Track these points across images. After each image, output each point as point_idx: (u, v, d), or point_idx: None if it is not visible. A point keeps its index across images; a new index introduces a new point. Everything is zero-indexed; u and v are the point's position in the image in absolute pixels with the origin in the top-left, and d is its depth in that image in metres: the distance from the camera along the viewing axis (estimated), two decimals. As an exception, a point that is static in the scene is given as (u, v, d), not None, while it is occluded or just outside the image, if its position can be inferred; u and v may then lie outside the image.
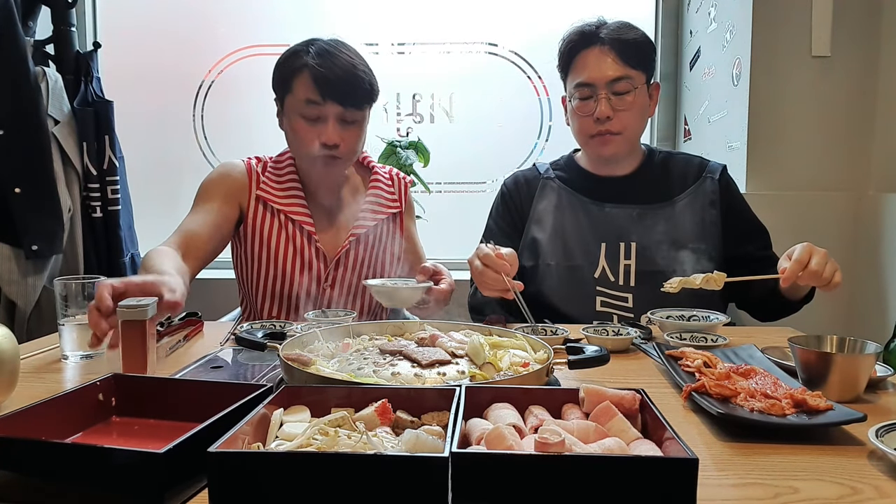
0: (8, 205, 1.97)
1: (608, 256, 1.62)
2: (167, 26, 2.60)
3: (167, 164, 2.63)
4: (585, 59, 1.62)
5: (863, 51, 2.01)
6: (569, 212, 1.68)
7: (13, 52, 1.96)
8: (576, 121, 1.66)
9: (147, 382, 0.92)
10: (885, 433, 0.77)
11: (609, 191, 1.68)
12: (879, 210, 1.95)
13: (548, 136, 2.59)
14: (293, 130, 1.58)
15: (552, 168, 1.78)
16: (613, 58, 1.60)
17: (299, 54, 1.54)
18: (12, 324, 2.04)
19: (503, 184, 1.81)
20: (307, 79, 1.51)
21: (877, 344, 1.00)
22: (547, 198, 1.72)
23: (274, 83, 1.60)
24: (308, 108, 1.52)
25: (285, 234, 1.61)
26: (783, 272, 1.30)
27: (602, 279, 1.61)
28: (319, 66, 1.50)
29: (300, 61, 1.53)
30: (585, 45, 1.63)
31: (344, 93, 1.51)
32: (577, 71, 1.63)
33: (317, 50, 1.53)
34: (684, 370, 1.05)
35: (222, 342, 1.33)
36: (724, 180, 1.69)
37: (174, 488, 0.65)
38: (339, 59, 1.52)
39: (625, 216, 1.65)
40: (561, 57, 1.68)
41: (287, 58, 1.57)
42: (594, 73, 1.60)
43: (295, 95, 1.54)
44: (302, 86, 1.52)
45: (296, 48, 1.57)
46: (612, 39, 1.61)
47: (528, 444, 0.68)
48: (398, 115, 2.60)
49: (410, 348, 1.05)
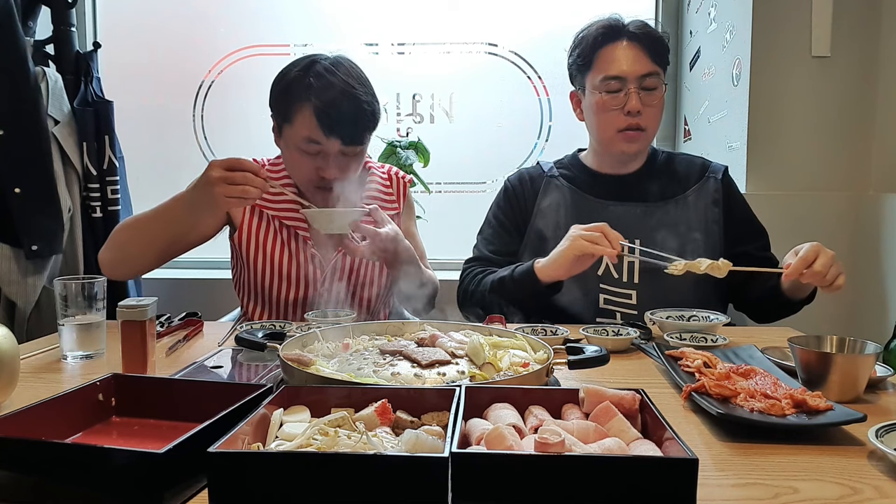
0: (8, 205, 1.97)
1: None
2: (167, 26, 2.60)
3: (167, 164, 2.63)
4: (613, 53, 1.60)
5: (863, 51, 2.00)
6: (573, 209, 1.67)
7: (13, 52, 1.96)
8: (601, 115, 1.64)
9: (147, 382, 0.93)
10: (885, 433, 0.77)
11: (614, 189, 1.68)
12: (879, 210, 1.95)
13: (548, 136, 2.59)
14: (291, 160, 1.56)
15: (556, 167, 1.77)
16: (643, 52, 1.60)
17: (300, 82, 1.48)
18: (12, 324, 2.04)
19: (507, 180, 1.80)
20: (309, 116, 1.46)
21: (877, 344, 1.00)
22: (551, 195, 1.71)
23: (272, 105, 1.55)
24: (309, 144, 1.49)
25: (280, 239, 1.58)
26: (787, 267, 1.31)
27: (606, 277, 1.60)
28: (322, 102, 1.45)
29: (301, 93, 1.47)
30: (612, 39, 1.61)
31: (347, 131, 1.47)
32: (605, 64, 1.61)
33: (319, 82, 1.46)
34: (684, 370, 1.05)
35: (222, 342, 1.33)
36: (726, 180, 1.70)
37: (174, 488, 0.65)
38: (343, 91, 1.46)
39: (629, 214, 1.64)
40: (582, 51, 1.65)
41: (287, 85, 1.50)
42: (625, 66, 1.59)
43: (295, 129, 1.49)
44: (303, 122, 1.47)
45: (295, 73, 1.50)
46: (641, 34, 1.60)
47: (528, 444, 0.68)
48: (398, 115, 2.60)
49: (410, 348, 1.05)
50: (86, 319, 1.18)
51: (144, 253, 1.51)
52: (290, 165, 1.58)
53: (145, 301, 1.07)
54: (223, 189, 1.30)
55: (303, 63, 1.51)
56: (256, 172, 1.33)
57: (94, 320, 1.19)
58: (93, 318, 1.19)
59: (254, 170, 1.33)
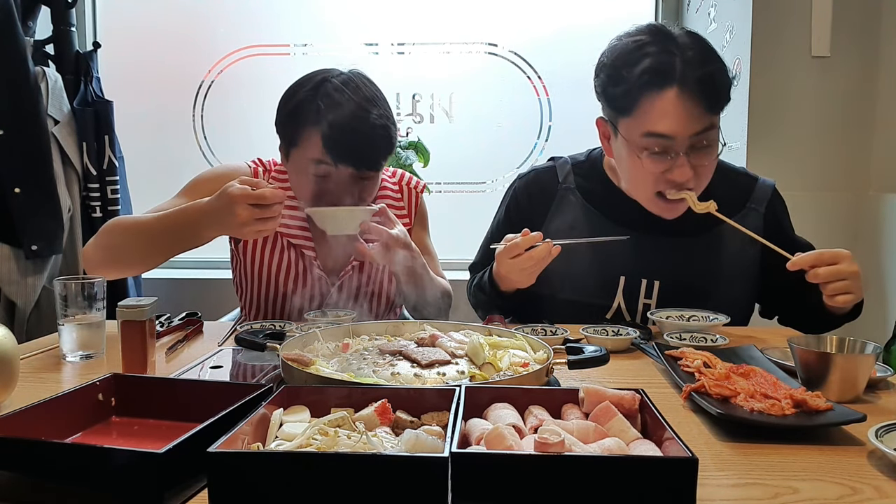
0: (8, 205, 1.97)
1: (626, 294, 1.44)
2: (167, 26, 2.60)
3: (167, 165, 2.63)
4: (663, 106, 1.28)
5: (862, 51, 2.01)
6: (587, 236, 1.40)
7: (13, 52, 1.96)
8: (638, 175, 1.37)
9: (147, 382, 0.93)
10: (884, 433, 0.77)
11: (637, 214, 1.43)
12: (879, 210, 1.95)
13: (547, 137, 2.59)
14: (298, 185, 1.47)
15: (574, 171, 1.53)
16: (699, 105, 1.28)
17: (308, 104, 1.38)
18: (12, 324, 2.04)
19: (516, 186, 1.59)
20: (316, 140, 1.37)
21: (877, 344, 1.00)
22: (563, 214, 1.49)
23: (278, 127, 1.46)
24: (317, 168, 1.40)
25: (286, 258, 1.51)
26: (797, 258, 1.21)
27: (616, 320, 1.44)
28: (331, 127, 1.34)
29: (309, 116, 1.37)
30: (661, 85, 1.28)
31: (359, 157, 1.37)
32: (649, 117, 1.30)
33: (327, 102, 1.36)
34: (684, 370, 1.05)
35: (222, 342, 1.33)
36: (770, 211, 1.47)
37: (174, 488, 0.65)
38: (354, 114, 1.35)
39: (651, 248, 1.42)
40: (621, 91, 1.33)
41: (294, 106, 1.41)
42: (675, 125, 1.28)
43: (303, 152, 1.41)
44: (310, 145, 1.38)
45: (303, 94, 1.40)
46: (699, 81, 1.27)
47: (527, 444, 0.68)
48: (398, 115, 2.60)
49: (410, 348, 1.05)
50: (86, 319, 1.18)
51: (141, 258, 1.43)
52: (298, 189, 1.49)
53: (145, 301, 1.07)
54: (252, 228, 1.23)
55: (312, 82, 1.42)
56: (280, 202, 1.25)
57: (94, 320, 1.19)
58: (93, 318, 1.19)
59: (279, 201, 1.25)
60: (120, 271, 1.49)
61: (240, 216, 1.22)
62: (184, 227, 1.32)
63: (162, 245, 1.38)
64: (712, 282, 1.43)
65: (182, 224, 1.32)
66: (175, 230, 1.34)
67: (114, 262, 1.43)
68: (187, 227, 1.32)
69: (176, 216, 1.33)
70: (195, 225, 1.31)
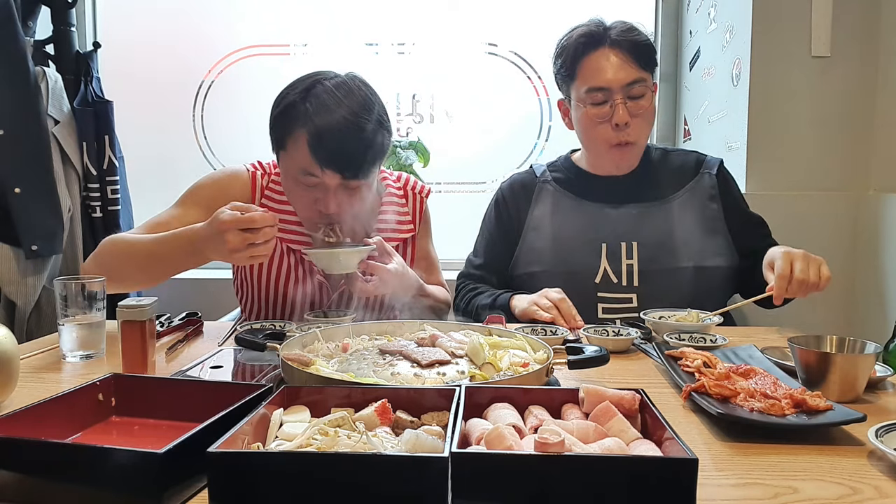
0: (8, 205, 1.97)
1: (609, 257, 1.59)
2: (167, 26, 2.60)
3: (167, 165, 2.62)
4: (597, 62, 1.55)
5: (862, 51, 2.00)
6: (567, 215, 1.65)
7: (13, 52, 1.96)
8: (589, 129, 1.61)
9: (147, 382, 0.93)
10: (884, 433, 0.77)
11: (608, 191, 1.65)
12: (879, 210, 1.95)
13: (548, 137, 2.59)
14: (287, 191, 1.46)
15: (549, 170, 1.74)
16: (627, 60, 1.55)
17: (296, 107, 1.35)
18: (12, 324, 2.04)
19: (499, 189, 1.77)
20: (302, 144, 1.34)
21: (877, 344, 1.00)
22: (543, 203, 1.68)
23: (270, 129, 1.43)
24: (304, 176, 1.38)
25: (287, 264, 1.50)
26: (771, 290, 1.30)
27: (604, 283, 1.58)
28: (317, 130, 1.31)
29: (296, 119, 1.34)
30: (594, 47, 1.56)
31: (345, 163, 1.34)
32: (588, 75, 1.57)
33: (316, 104, 1.33)
34: (684, 370, 1.05)
35: (222, 342, 1.33)
36: (721, 175, 1.69)
37: (174, 488, 0.65)
38: (342, 119, 1.32)
39: (624, 216, 1.62)
40: (564, 61, 1.61)
41: (284, 108, 1.38)
42: (609, 76, 1.54)
43: (289, 157, 1.38)
44: (296, 150, 1.35)
45: (293, 96, 1.37)
46: (623, 41, 1.55)
47: (527, 444, 0.68)
48: (398, 115, 2.60)
49: (410, 348, 1.05)
50: (86, 319, 1.18)
51: (135, 282, 1.44)
52: (289, 195, 1.49)
53: (145, 301, 1.07)
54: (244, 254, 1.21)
55: (304, 84, 1.39)
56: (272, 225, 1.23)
57: (94, 320, 1.19)
58: (93, 318, 1.19)
59: (270, 224, 1.22)
60: (118, 289, 1.46)
61: (230, 243, 1.19)
62: (176, 253, 1.31)
63: (155, 271, 1.38)
64: (684, 236, 1.60)
65: (175, 250, 1.31)
66: (168, 257, 1.33)
67: (111, 282, 1.39)
68: (180, 253, 1.31)
69: (170, 242, 1.32)
70: (187, 253, 1.30)
